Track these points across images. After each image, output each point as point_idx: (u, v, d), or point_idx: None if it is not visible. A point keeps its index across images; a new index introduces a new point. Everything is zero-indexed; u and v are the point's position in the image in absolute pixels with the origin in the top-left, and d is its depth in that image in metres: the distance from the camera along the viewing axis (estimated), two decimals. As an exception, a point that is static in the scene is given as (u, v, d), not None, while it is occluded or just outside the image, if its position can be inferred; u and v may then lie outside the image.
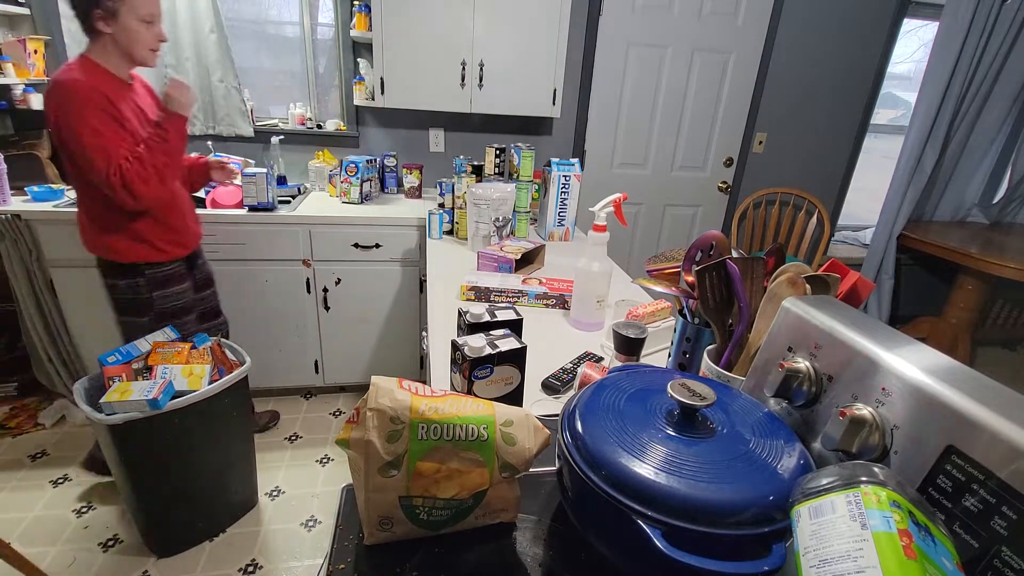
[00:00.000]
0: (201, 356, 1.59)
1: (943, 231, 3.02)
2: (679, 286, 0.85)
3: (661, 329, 1.22)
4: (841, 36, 2.88)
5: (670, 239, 3.17)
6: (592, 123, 2.85)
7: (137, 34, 1.41)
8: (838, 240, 3.47)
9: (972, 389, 0.44)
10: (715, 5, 2.70)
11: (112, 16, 1.37)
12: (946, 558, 0.38)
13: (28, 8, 2.23)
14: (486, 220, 1.90)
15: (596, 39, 2.68)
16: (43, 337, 2.11)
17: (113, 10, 1.37)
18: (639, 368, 0.70)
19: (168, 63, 2.34)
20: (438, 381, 1.03)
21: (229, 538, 1.75)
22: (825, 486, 0.43)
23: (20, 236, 1.95)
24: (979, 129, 2.92)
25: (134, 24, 1.40)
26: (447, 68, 2.29)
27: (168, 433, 1.49)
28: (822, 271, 0.72)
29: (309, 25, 2.54)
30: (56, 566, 1.61)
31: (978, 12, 2.58)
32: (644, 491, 0.48)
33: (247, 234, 2.13)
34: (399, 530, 0.59)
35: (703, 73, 2.83)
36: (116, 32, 1.40)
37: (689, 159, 3.01)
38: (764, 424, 0.57)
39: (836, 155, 3.15)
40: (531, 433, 0.60)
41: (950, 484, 0.43)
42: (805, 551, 0.41)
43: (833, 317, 0.58)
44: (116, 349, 1.52)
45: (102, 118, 1.38)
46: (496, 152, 2.25)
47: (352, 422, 0.56)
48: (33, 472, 1.95)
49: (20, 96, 2.20)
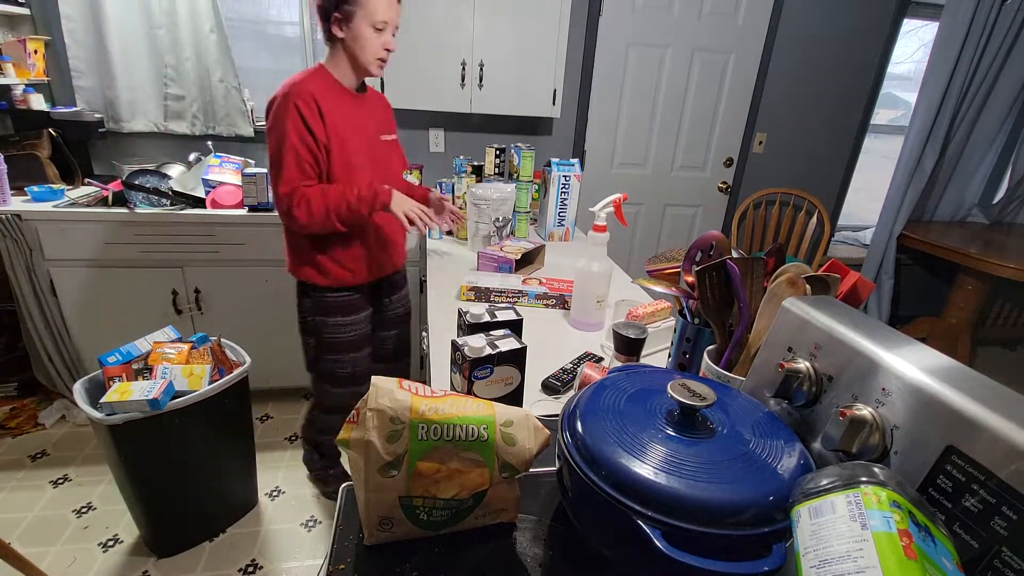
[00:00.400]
0: (201, 356, 1.59)
1: (943, 231, 3.02)
2: (679, 286, 0.85)
3: (661, 329, 1.22)
4: (841, 36, 2.88)
5: (670, 239, 3.17)
6: (592, 123, 2.85)
7: (367, 40, 1.37)
8: (838, 240, 3.47)
9: (972, 389, 0.44)
10: (715, 5, 2.70)
11: (347, 20, 1.34)
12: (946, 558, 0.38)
13: (28, 8, 2.23)
14: (486, 220, 1.90)
15: (596, 39, 2.68)
16: (43, 337, 2.11)
17: (349, 13, 1.33)
18: (639, 368, 0.70)
19: (168, 63, 2.34)
20: (438, 381, 1.03)
21: (229, 538, 1.75)
22: (825, 486, 0.43)
23: (20, 236, 1.96)
24: (979, 129, 2.92)
25: (365, 30, 1.36)
26: (447, 68, 2.29)
27: (168, 433, 1.49)
28: (822, 271, 0.72)
29: (309, 25, 2.54)
30: (56, 566, 1.61)
31: (978, 12, 2.58)
32: (644, 491, 0.48)
33: (247, 234, 2.13)
34: (399, 530, 0.59)
35: (703, 73, 2.83)
36: (347, 37, 1.37)
37: (689, 159, 3.01)
38: (764, 424, 0.57)
39: (836, 155, 3.15)
40: (531, 433, 0.60)
41: (950, 484, 0.43)
42: (805, 551, 0.41)
43: (833, 317, 0.58)
44: (116, 349, 1.52)
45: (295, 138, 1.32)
46: (496, 152, 2.25)
47: (352, 422, 0.56)
48: (33, 472, 1.95)
49: (20, 96, 2.20)
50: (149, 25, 2.27)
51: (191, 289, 2.16)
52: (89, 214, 1.97)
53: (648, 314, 1.25)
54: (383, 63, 1.43)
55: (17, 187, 2.04)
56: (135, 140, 2.46)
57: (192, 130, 2.46)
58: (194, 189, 2.13)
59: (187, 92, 2.39)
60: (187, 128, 2.46)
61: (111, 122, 2.37)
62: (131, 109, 2.37)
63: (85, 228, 1.99)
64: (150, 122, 2.42)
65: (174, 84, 2.38)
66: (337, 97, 1.40)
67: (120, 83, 2.32)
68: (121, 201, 2.03)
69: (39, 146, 2.17)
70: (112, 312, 2.12)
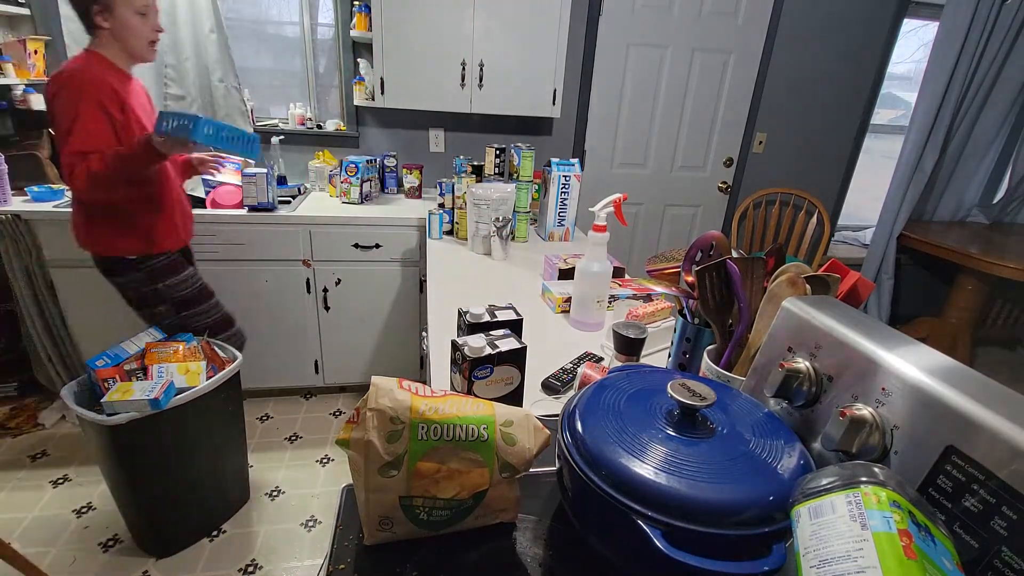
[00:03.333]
0: (194, 353, 1.60)
1: (943, 231, 3.02)
2: (679, 286, 0.85)
3: (661, 329, 1.22)
4: (841, 36, 2.88)
5: (670, 239, 3.17)
6: (592, 123, 2.85)
7: (134, 28, 1.45)
8: (838, 240, 3.46)
9: (972, 389, 0.44)
10: (715, 5, 2.70)
11: (108, 10, 1.41)
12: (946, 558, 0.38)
13: (28, 8, 2.23)
14: (486, 220, 1.90)
15: (596, 39, 2.68)
16: (43, 337, 2.11)
17: (108, 4, 1.40)
18: (639, 368, 0.70)
19: (168, 63, 2.34)
20: (438, 381, 1.03)
21: (229, 538, 1.75)
22: (825, 486, 0.43)
23: (20, 236, 1.95)
24: (979, 129, 2.92)
25: (130, 17, 1.43)
26: (447, 68, 2.29)
27: (167, 431, 1.49)
28: (822, 271, 0.72)
29: (309, 25, 2.54)
30: (56, 566, 1.61)
31: (978, 12, 2.58)
32: (644, 491, 0.48)
33: (247, 234, 2.13)
34: (399, 530, 0.59)
35: (703, 73, 2.83)
36: (113, 26, 1.43)
37: (689, 159, 3.01)
38: (764, 424, 0.57)
39: (836, 155, 3.15)
40: (531, 433, 0.60)
41: (950, 484, 0.43)
42: (805, 551, 0.41)
43: (833, 317, 0.58)
44: (104, 352, 1.51)
45: (91, 109, 1.39)
46: (496, 152, 2.25)
47: (352, 422, 0.56)
48: (33, 472, 1.95)
49: (20, 96, 2.20)
50: (149, 25, 2.27)
51: (191, 289, 2.15)
52: (89, 214, 1.97)
53: (648, 314, 1.25)
54: (154, 45, 1.52)
55: (17, 187, 2.04)
56: (135, 140, 2.46)
57: (192, 130, 2.46)
58: (194, 189, 2.13)
59: (187, 92, 2.39)
60: (187, 128, 2.45)
61: (111, 122, 2.37)
62: (131, 109, 2.37)
63: (85, 228, 1.98)
64: (150, 122, 2.42)
65: (174, 84, 2.37)
66: (123, 82, 1.49)
67: (120, 83, 2.31)
68: (121, 201, 2.03)
69: (39, 146, 2.17)
70: (112, 312, 2.11)
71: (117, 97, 1.44)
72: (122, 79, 1.50)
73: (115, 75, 1.47)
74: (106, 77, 1.43)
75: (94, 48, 1.48)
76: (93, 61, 1.45)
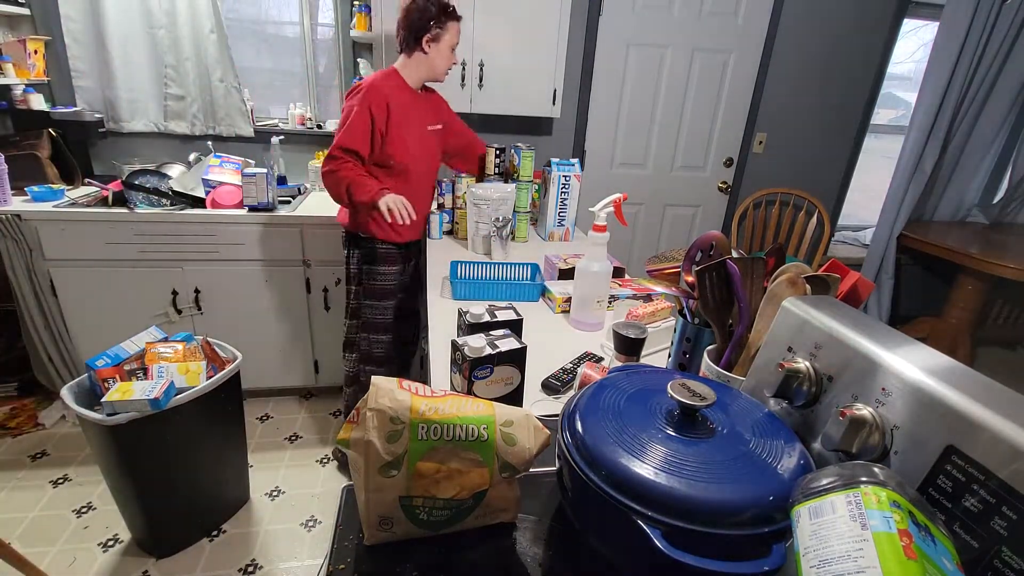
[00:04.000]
0: (194, 353, 1.60)
1: (943, 231, 3.02)
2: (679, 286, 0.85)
3: (661, 329, 1.22)
4: (841, 36, 2.88)
5: (670, 239, 3.17)
6: (592, 123, 2.85)
7: (445, 57, 1.75)
8: (838, 240, 3.46)
9: (972, 389, 0.44)
10: (715, 5, 2.70)
11: (436, 40, 1.70)
12: (946, 558, 0.38)
13: (28, 8, 2.23)
14: (486, 220, 1.89)
15: (596, 39, 2.68)
16: (43, 337, 2.11)
17: (439, 36, 1.70)
18: (639, 368, 0.70)
19: (168, 63, 2.34)
20: (438, 381, 1.03)
21: (229, 538, 1.75)
22: (825, 486, 0.43)
23: (20, 236, 1.96)
24: (979, 129, 2.92)
25: (446, 49, 1.74)
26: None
27: (167, 431, 1.49)
28: (822, 271, 0.72)
29: (309, 25, 2.54)
30: (56, 566, 1.61)
31: (978, 12, 2.58)
32: (644, 491, 0.48)
33: (247, 234, 2.13)
34: (399, 530, 0.59)
35: (703, 73, 2.83)
36: (432, 53, 1.71)
37: (689, 159, 3.01)
38: (764, 424, 0.57)
39: (836, 155, 3.15)
40: (531, 433, 0.60)
41: (950, 484, 0.43)
42: (805, 551, 0.41)
43: (833, 317, 0.58)
44: (103, 352, 1.52)
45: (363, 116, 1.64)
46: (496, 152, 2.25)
47: (352, 422, 0.56)
48: (33, 472, 1.95)
49: (20, 96, 2.20)
50: (149, 25, 2.28)
51: (191, 289, 2.16)
52: (89, 214, 1.97)
53: (648, 314, 1.25)
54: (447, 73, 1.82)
55: (17, 187, 2.04)
56: (135, 140, 2.46)
57: (192, 130, 2.46)
58: (194, 189, 2.13)
59: (187, 92, 2.39)
60: (187, 128, 2.46)
61: (111, 122, 2.37)
62: (131, 109, 2.37)
63: (85, 228, 1.99)
64: (150, 122, 2.42)
65: (174, 84, 2.38)
66: (402, 94, 1.74)
67: (120, 83, 2.32)
68: (121, 201, 2.03)
69: (39, 146, 2.17)
70: (112, 312, 2.12)
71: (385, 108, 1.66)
72: (405, 92, 1.75)
73: (399, 89, 1.73)
74: (385, 89, 1.67)
75: (396, 65, 1.76)
76: (386, 76, 1.72)
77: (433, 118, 1.89)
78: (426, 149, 1.87)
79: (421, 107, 1.83)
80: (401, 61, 1.76)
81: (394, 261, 1.89)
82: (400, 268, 1.92)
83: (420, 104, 1.83)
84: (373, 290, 1.89)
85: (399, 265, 1.91)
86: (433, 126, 1.88)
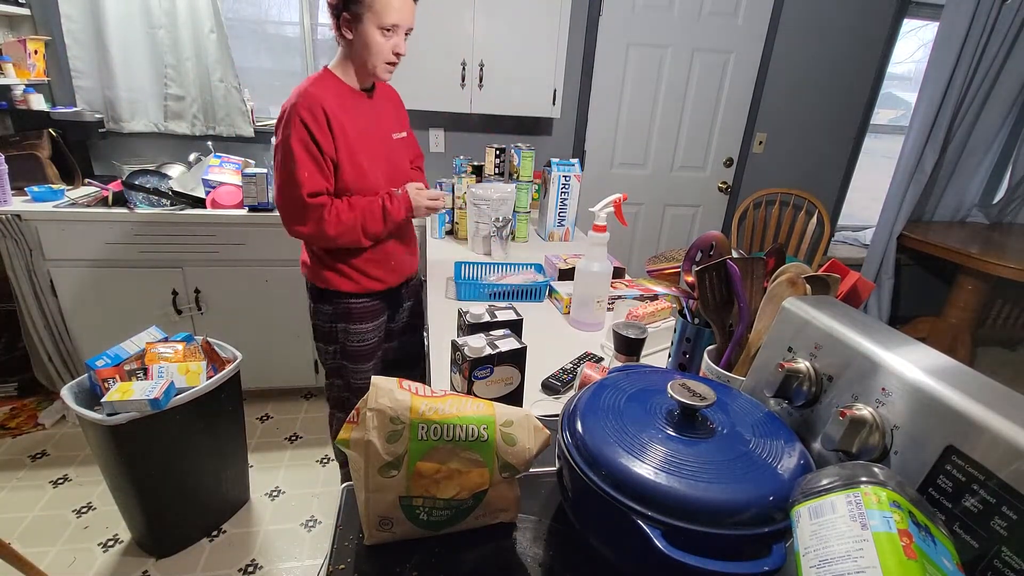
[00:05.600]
0: (194, 353, 1.59)
1: (943, 231, 3.02)
2: (679, 286, 0.85)
3: (661, 329, 1.22)
4: (841, 36, 2.88)
5: (670, 239, 3.17)
6: (592, 123, 2.85)
7: (374, 44, 1.30)
8: (838, 240, 3.46)
9: (972, 389, 0.44)
10: (715, 5, 2.70)
11: (355, 21, 1.29)
12: (946, 558, 0.38)
13: (28, 8, 2.23)
14: (486, 220, 1.89)
15: (596, 39, 2.68)
16: (43, 337, 2.11)
17: (358, 15, 1.27)
18: (639, 368, 0.70)
19: (168, 63, 2.34)
20: (438, 381, 1.03)
21: (228, 538, 1.75)
22: (825, 486, 0.43)
23: (20, 236, 1.95)
24: (979, 129, 2.92)
25: (373, 33, 1.29)
26: (447, 68, 2.29)
27: (167, 431, 1.49)
28: (822, 271, 0.72)
29: (309, 25, 2.54)
30: (56, 566, 1.61)
31: (978, 12, 2.58)
32: (644, 491, 0.48)
33: (247, 234, 2.13)
34: (399, 530, 0.59)
35: (703, 73, 2.83)
36: (355, 40, 1.31)
37: (689, 159, 3.01)
38: (764, 424, 0.57)
39: (836, 155, 3.15)
40: (531, 433, 0.60)
41: (950, 484, 0.43)
42: (805, 551, 0.41)
43: (833, 317, 0.58)
44: (103, 353, 1.52)
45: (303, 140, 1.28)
46: (496, 152, 2.25)
47: (352, 422, 0.56)
48: (33, 472, 1.95)
49: (20, 96, 2.20)
50: (149, 25, 2.27)
51: (191, 289, 2.16)
52: (89, 214, 1.97)
53: (648, 314, 1.25)
54: (391, 68, 1.37)
55: (17, 187, 2.04)
56: (135, 140, 2.46)
57: (192, 130, 2.46)
58: (194, 189, 2.13)
59: (187, 92, 2.39)
60: (187, 128, 2.46)
61: (111, 122, 2.37)
62: (131, 109, 2.37)
63: (85, 228, 1.99)
64: (150, 122, 2.42)
65: (174, 84, 2.38)
66: (344, 101, 1.35)
67: (120, 83, 2.32)
68: (121, 201, 2.03)
69: (39, 146, 2.17)
70: (112, 312, 2.12)
71: (323, 124, 1.30)
72: (346, 95, 1.37)
73: (338, 93, 1.35)
74: (322, 97, 1.30)
75: (330, 66, 1.38)
76: (318, 80, 1.34)
77: (395, 124, 1.51)
78: (393, 166, 1.48)
79: (377, 110, 1.44)
80: (336, 56, 1.39)
81: (376, 314, 1.54)
82: (386, 317, 1.60)
83: (375, 107, 1.44)
84: (349, 353, 1.54)
85: (383, 316, 1.58)
86: (398, 134, 1.52)
